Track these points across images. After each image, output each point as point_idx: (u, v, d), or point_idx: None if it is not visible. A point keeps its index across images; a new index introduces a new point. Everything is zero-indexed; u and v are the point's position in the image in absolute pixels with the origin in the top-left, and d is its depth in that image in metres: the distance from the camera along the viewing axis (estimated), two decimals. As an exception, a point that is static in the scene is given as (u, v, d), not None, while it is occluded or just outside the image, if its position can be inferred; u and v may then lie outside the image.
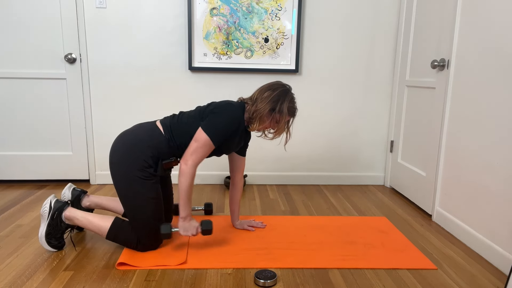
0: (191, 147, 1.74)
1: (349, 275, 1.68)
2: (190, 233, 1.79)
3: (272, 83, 1.85)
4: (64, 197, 2.02)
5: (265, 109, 1.77)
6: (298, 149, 3.00)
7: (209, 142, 1.74)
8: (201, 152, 1.74)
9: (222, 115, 1.77)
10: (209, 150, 1.77)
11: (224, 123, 1.76)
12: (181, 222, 1.79)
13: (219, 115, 1.76)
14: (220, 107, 1.79)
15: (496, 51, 1.83)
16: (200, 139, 1.74)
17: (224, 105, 1.80)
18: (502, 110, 1.78)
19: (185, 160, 1.74)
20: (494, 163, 1.83)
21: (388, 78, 2.93)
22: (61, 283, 1.58)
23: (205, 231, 1.81)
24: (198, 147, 1.74)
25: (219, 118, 1.76)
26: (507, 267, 1.72)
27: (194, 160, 1.74)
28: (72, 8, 2.69)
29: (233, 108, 1.79)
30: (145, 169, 1.76)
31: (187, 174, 1.73)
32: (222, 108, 1.78)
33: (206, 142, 1.74)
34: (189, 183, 1.74)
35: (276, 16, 2.76)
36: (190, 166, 1.73)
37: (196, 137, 1.75)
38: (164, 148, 1.79)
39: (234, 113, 1.78)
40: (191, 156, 1.74)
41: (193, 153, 1.74)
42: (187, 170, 1.73)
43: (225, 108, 1.79)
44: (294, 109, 1.85)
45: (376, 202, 2.67)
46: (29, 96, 2.81)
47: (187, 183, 1.73)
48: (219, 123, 1.75)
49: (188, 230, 1.79)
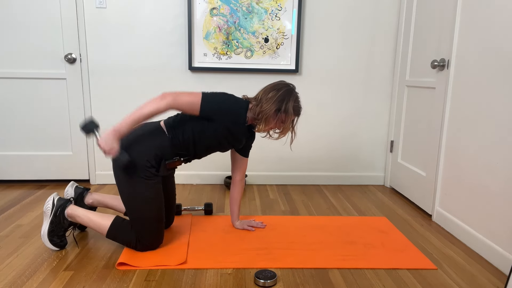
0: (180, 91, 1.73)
1: (349, 275, 1.68)
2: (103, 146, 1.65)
3: (276, 83, 1.86)
4: (67, 195, 2.02)
5: (271, 109, 1.77)
6: (298, 149, 3.00)
7: (198, 100, 1.72)
8: (184, 100, 1.70)
9: (224, 95, 1.82)
10: (191, 107, 1.72)
11: (221, 100, 1.79)
12: (109, 131, 1.66)
13: (222, 94, 1.82)
14: (227, 93, 1.84)
15: (496, 51, 1.83)
16: (193, 93, 1.74)
17: (231, 94, 1.85)
18: (502, 110, 1.78)
19: (166, 93, 1.69)
20: (494, 163, 1.83)
21: (388, 78, 2.93)
22: (61, 283, 1.58)
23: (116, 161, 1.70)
24: (185, 94, 1.72)
25: (220, 95, 1.81)
26: (507, 267, 1.72)
27: (173, 99, 1.68)
28: (72, 8, 2.69)
29: (236, 99, 1.83)
30: (147, 169, 1.76)
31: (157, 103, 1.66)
32: (227, 94, 1.83)
33: (195, 97, 1.72)
34: (149, 111, 1.66)
35: (276, 16, 2.76)
36: (165, 103, 1.67)
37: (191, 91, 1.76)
38: (168, 147, 1.79)
39: (235, 102, 1.81)
40: (174, 95, 1.69)
41: (178, 94, 1.70)
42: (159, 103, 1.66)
43: (230, 95, 1.84)
44: (299, 108, 1.86)
45: (376, 202, 2.67)
46: (29, 96, 2.81)
47: (147, 110, 1.66)
48: (217, 96, 1.79)
49: (107, 145, 1.66)
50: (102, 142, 1.66)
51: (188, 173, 2.98)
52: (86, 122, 1.73)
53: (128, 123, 1.67)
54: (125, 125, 1.67)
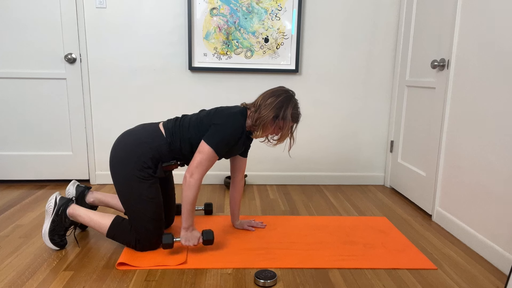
0: (196, 159, 1.75)
1: (349, 275, 1.68)
2: (191, 243, 1.79)
3: (275, 89, 1.84)
4: (69, 194, 2.03)
5: (269, 116, 1.76)
6: (298, 149, 3.00)
7: (213, 154, 1.75)
8: (205, 164, 1.75)
9: (224, 126, 1.77)
10: (214, 161, 1.78)
11: (227, 134, 1.76)
12: (183, 232, 1.79)
13: (222, 127, 1.76)
14: (222, 118, 1.79)
15: (496, 51, 1.83)
16: (204, 151, 1.74)
17: (227, 115, 1.79)
18: (502, 110, 1.78)
19: (190, 173, 1.74)
20: (494, 163, 1.83)
21: (388, 78, 2.93)
22: (61, 283, 1.58)
23: (207, 241, 1.81)
24: (202, 160, 1.74)
25: (221, 130, 1.76)
26: (507, 267, 1.72)
27: (200, 173, 1.75)
28: (72, 8, 2.69)
29: (235, 118, 1.79)
30: (144, 170, 1.76)
31: (193, 186, 1.74)
32: (224, 119, 1.78)
33: (209, 154, 1.74)
34: (194, 196, 1.75)
35: (276, 16, 2.76)
36: (196, 179, 1.74)
37: (200, 149, 1.75)
38: (165, 150, 1.80)
39: (236, 123, 1.78)
40: (196, 168, 1.74)
41: (198, 166, 1.74)
42: (193, 183, 1.74)
43: (227, 118, 1.78)
44: (297, 115, 1.84)
45: (376, 202, 2.67)
46: (29, 96, 2.81)
47: (192, 196, 1.75)
48: (222, 134, 1.75)
49: (190, 240, 1.79)
50: (185, 242, 1.79)
51: (188, 173, 2.97)
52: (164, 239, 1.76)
53: (187, 216, 1.77)
54: (187, 218, 1.78)
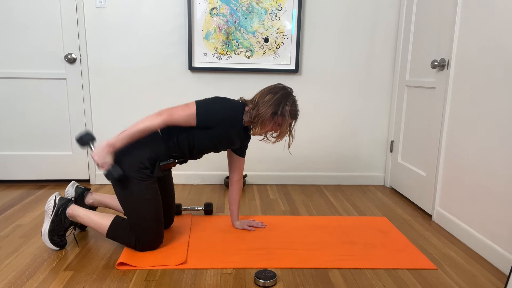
0: (175, 106, 1.73)
1: (349, 275, 1.68)
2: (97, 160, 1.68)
3: (273, 86, 1.84)
4: (68, 195, 2.03)
5: (267, 113, 1.76)
6: (298, 149, 3.00)
7: (192, 113, 1.72)
8: (179, 115, 1.71)
9: (218, 102, 1.79)
10: (187, 120, 1.73)
11: (217, 108, 1.77)
12: (103, 145, 1.69)
13: (216, 101, 1.79)
14: (220, 98, 1.82)
15: (496, 51, 1.83)
16: (188, 105, 1.74)
17: (225, 98, 1.83)
18: (502, 110, 1.78)
19: (160, 111, 1.71)
20: (494, 163, 1.83)
21: (388, 78, 2.93)
22: (61, 283, 1.58)
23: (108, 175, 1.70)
24: (179, 108, 1.72)
25: (214, 103, 1.79)
26: (507, 267, 1.72)
27: (168, 115, 1.70)
28: (72, 8, 2.69)
29: (232, 104, 1.81)
30: (141, 170, 1.76)
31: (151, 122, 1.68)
32: (221, 99, 1.81)
33: (190, 110, 1.72)
34: (144, 129, 1.69)
35: (276, 16, 2.76)
36: (160, 119, 1.69)
37: (186, 103, 1.75)
38: (162, 149, 1.80)
39: (231, 108, 1.80)
40: (169, 111, 1.71)
41: (172, 110, 1.71)
42: (154, 120, 1.69)
43: (224, 100, 1.81)
44: (296, 111, 1.84)
45: (376, 202, 2.67)
46: (29, 96, 2.81)
47: (143, 127, 1.69)
48: (212, 105, 1.77)
49: (100, 158, 1.68)
50: (95, 155, 1.69)
51: (188, 173, 2.98)
52: (81, 134, 1.75)
53: (122, 138, 1.70)
54: (120, 140, 1.70)
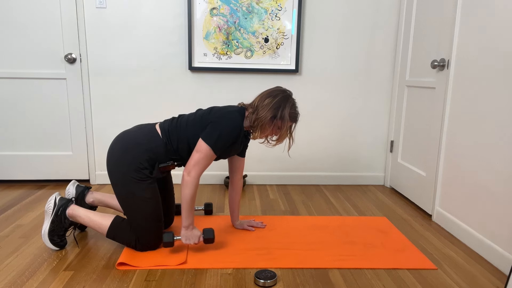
0: (193, 158, 1.74)
1: (349, 275, 1.68)
2: (192, 242, 1.79)
3: (272, 89, 1.84)
4: (69, 194, 2.03)
5: (266, 117, 1.76)
6: (298, 149, 3.00)
7: (210, 152, 1.74)
8: (203, 163, 1.75)
9: (222, 124, 1.76)
10: (211, 160, 1.78)
11: (224, 132, 1.75)
12: (184, 231, 1.79)
13: (219, 125, 1.76)
14: (220, 116, 1.78)
15: (496, 51, 1.83)
16: (201, 149, 1.74)
17: (224, 113, 1.79)
18: (502, 110, 1.78)
19: (188, 171, 1.74)
20: (494, 163, 1.83)
21: (388, 78, 2.93)
22: (61, 283, 1.58)
23: (207, 240, 1.81)
24: (200, 158, 1.74)
25: (219, 128, 1.75)
26: (507, 267, 1.72)
27: (197, 171, 1.74)
28: (72, 8, 2.69)
29: (232, 116, 1.78)
30: (140, 170, 1.76)
31: (191, 184, 1.74)
32: (221, 117, 1.77)
33: (207, 152, 1.74)
34: (193, 194, 1.75)
35: (276, 16, 2.76)
36: (193, 177, 1.74)
37: (197, 148, 1.75)
38: (162, 151, 1.80)
39: (233, 122, 1.77)
40: (194, 167, 1.74)
41: (195, 164, 1.74)
42: (191, 181, 1.74)
43: (224, 117, 1.77)
44: (295, 114, 1.83)
45: (376, 202, 2.67)
46: (29, 96, 2.81)
47: (190, 194, 1.75)
48: (219, 132, 1.74)
49: (190, 238, 1.79)
50: (186, 240, 1.80)
51: (188, 173, 2.97)
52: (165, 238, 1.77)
53: (187, 214, 1.78)
54: (187, 217, 1.78)
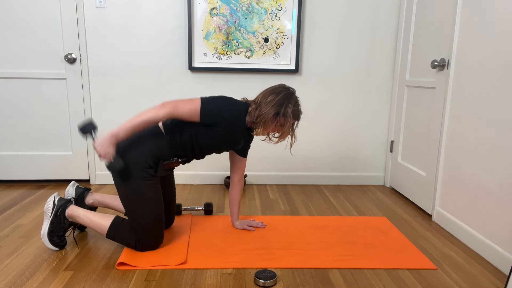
0: (180, 100, 1.73)
1: (349, 275, 1.68)
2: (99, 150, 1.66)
3: (275, 87, 1.84)
4: (68, 195, 2.03)
5: (269, 113, 1.76)
6: (298, 149, 3.00)
7: (197, 108, 1.72)
8: (184, 108, 1.70)
9: (223, 100, 1.80)
10: (191, 114, 1.72)
11: (221, 106, 1.77)
12: (106, 137, 1.67)
13: (221, 99, 1.80)
14: (225, 97, 1.82)
15: (496, 51, 1.83)
16: (193, 100, 1.73)
17: (230, 97, 1.83)
18: (502, 110, 1.78)
19: (164, 103, 1.70)
20: (494, 163, 1.83)
21: (388, 78, 2.93)
22: (61, 283, 1.58)
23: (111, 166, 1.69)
24: (184, 102, 1.72)
25: (219, 101, 1.79)
26: (507, 267, 1.72)
27: (173, 107, 1.69)
28: (72, 8, 2.69)
29: (236, 104, 1.82)
30: (145, 170, 1.76)
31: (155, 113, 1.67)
32: (226, 98, 1.81)
33: (195, 105, 1.72)
34: (148, 120, 1.68)
35: (276, 16, 2.76)
36: (164, 111, 1.68)
37: (191, 98, 1.75)
38: (166, 148, 1.80)
39: (235, 108, 1.80)
40: (174, 103, 1.70)
41: (177, 103, 1.71)
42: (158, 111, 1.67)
43: (228, 99, 1.82)
44: (298, 112, 1.84)
45: (376, 202, 2.67)
46: (29, 96, 2.81)
47: (147, 118, 1.67)
48: (217, 103, 1.77)
49: (102, 148, 1.66)
50: (98, 145, 1.67)
51: (188, 173, 2.98)
52: (84, 124, 1.73)
53: (126, 129, 1.68)
54: (123, 130, 1.68)
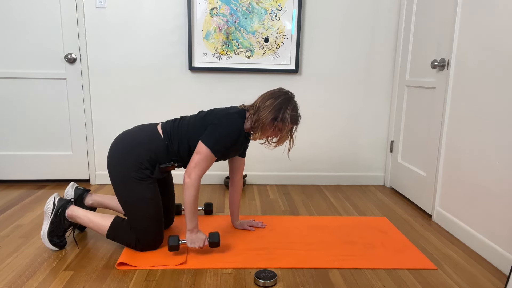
0: (194, 160, 1.74)
1: (349, 275, 1.68)
2: (197, 245, 1.79)
3: (274, 91, 1.83)
4: (67, 196, 2.02)
5: (267, 118, 1.75)
6: (298, 149, 3.00)
7: (210, 154, 1.74)
8: (203, 165, 1.75)
9: (221, 126, 1.76)
10: (211, 162, 1.78)
11: (224, 134, 1.75)
12: (189, 234, 1.79)
13: (219, 127, 1.76)
14: (220, 118, 1.78)
15: (496, 51, 1.83)
16: (201, 151, 1.74)
17: (224, 115, 1.78)
18: (502, 110, 1.78)
19: (188, 173, 1.74)
20: (494, 163, 1.83)
21: (388, 78, 2.93)
22: (61, 283, 1.58)
23: (213, 243, 1.81)
24: (200, 160, 1.74)
25: (218, 130, 1.75)
26: (507, 267, 1.72)
27: (197, 173, 1.74)
28: (72, 8, 2.69)
29: (232, 118, 1.78)
30: (141, 171, 1.76)
31: (192, 187, 1.73)
32: (221, 119, 1.77)
33: (207, 154, 1.74)
34: (195, 196, 1.75)
35: (276, 16, 2.76)
36: (194, 179, 1.73)
37: (197, 150, 1.75)
38: (163, 152, 1.80)
39: (233, 124, 1.77)
40: (194, 169, 1.74)
41: (195, 166, 1.74)
42: (192, 183, 1.73)
43: (225, 119, 1.77)
44: (297, 117, 1.82)
45: (376, 202, 2.67)
46: (29, 96, 2.81)
47: (192, 196, 1.74)
48: (219, 135, 1.75)
49: (196, 242, 1.79)
50: (191, 244, 1.79)
51: (188, 173, 2.97)
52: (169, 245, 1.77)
53: (190, 217, 1.78)
54: (190, 220, 1.78)
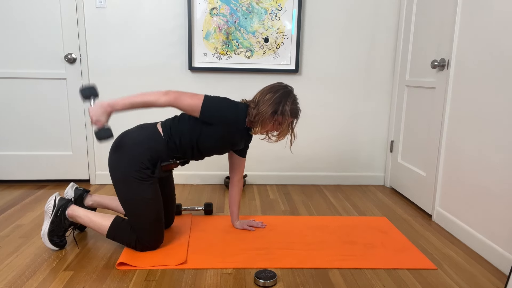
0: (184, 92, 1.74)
1: (349, 275, 1.68)
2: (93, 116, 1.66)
3: (273, 85, 1.84)
4: (67, 196, 2.02)
5: (267, 112, 1.76)
6: (298, 149, 3.00)
7: (198, 103, 1.73)
8: (186, 101, 1.71)
9: (225, 101, 1.81)
10: (192, 109, 1.73)
11: (223, 106, 1.78)
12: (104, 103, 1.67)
13: (223, 100, 1.81)
14: (228, 98, 1.83)
15: (496, 51, 1.83)
16: (196, 95, 1.74)
17: (232, 100, 1.84)
18: (502, 110, 1.78)
19: (168, 91, 1.70)
20: (494, 163, 1.83)
21: (388, 78, 2.94)
22: (61, 283, 1.58)
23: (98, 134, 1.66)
24: (188, 95, 1.73)
25: (221, 101, 1.80)
26: (507, 267, 1.72)
27: (175, 98, 1.70)
28: (72, 8, 2.69)
29: (236, 104, 1.82)
30: (142, 170, 1.76)
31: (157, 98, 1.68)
32: (228, 99, 1.83)
33: (197, 100, 1.73)
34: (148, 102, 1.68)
35: (276, 16, 2.76)
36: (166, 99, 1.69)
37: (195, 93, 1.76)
38: (163, 150, 1.80)
39: (235, 108, 1.80)
40: (177, 94, 1.71)
41: (180, 94, 1.72)
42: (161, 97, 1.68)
43: (231, 100, 1.83)
44: (296, 110, 1.84)
45: (376, 202, 2.67)
46: (29, 96, 2.81)
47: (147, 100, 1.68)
48: (219, 102, 1.78)
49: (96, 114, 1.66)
50: (92, 110, 1.67)
51: (188, 173, 2.98)
52: (86, 87, 1.72)
53: (124, 103, 1.68)
54: (121, 104, 1.68)
